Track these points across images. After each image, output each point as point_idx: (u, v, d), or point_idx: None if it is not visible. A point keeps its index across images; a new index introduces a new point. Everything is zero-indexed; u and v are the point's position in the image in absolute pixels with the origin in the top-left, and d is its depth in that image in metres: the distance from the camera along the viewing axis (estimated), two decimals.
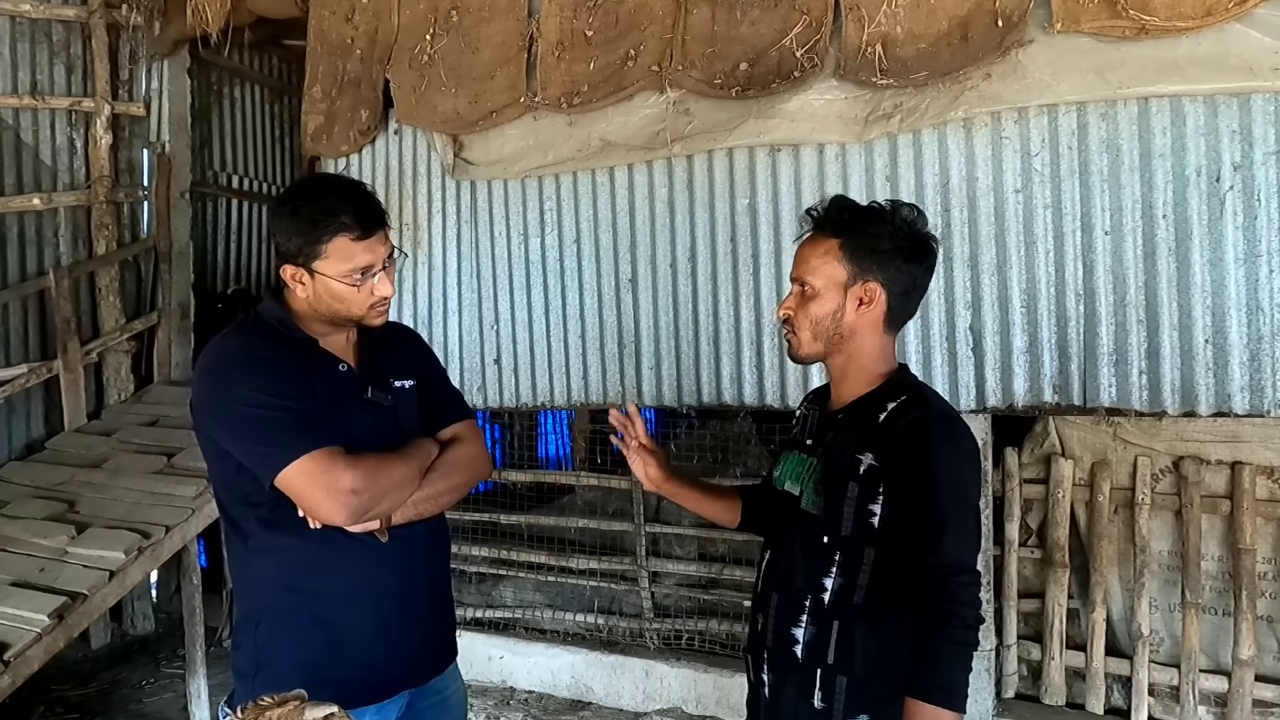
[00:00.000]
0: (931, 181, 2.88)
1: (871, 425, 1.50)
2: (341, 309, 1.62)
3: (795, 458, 1.65)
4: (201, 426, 1.63)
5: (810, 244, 1.56)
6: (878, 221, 1.52)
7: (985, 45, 2.69)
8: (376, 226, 1.62)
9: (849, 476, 1.49)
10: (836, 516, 1.49)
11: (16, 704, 3.49)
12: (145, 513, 3.61)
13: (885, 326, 1.55)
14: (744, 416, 4.09)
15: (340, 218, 1.56)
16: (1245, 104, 2.50)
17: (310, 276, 1.59)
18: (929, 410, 1.49)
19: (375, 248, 1.60)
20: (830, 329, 1.53)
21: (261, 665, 1.62)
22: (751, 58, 3.06)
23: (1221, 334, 2.56)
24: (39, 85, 4.62)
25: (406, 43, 3.77)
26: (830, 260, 1.52)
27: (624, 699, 3.65)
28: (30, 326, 4.59)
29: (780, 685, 1.55)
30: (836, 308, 1.52)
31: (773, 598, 1.59)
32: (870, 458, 1.47)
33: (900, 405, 1.50)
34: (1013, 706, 3.07)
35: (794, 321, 1.56)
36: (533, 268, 3.66)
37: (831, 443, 1.56)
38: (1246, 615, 2.75)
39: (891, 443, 1.46)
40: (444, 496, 1.70)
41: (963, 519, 1.44)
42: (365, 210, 1.60)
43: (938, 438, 1.45)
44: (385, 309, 1.67)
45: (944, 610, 1.40)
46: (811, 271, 1.54)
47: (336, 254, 1.57)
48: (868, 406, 1.53)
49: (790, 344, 1.59)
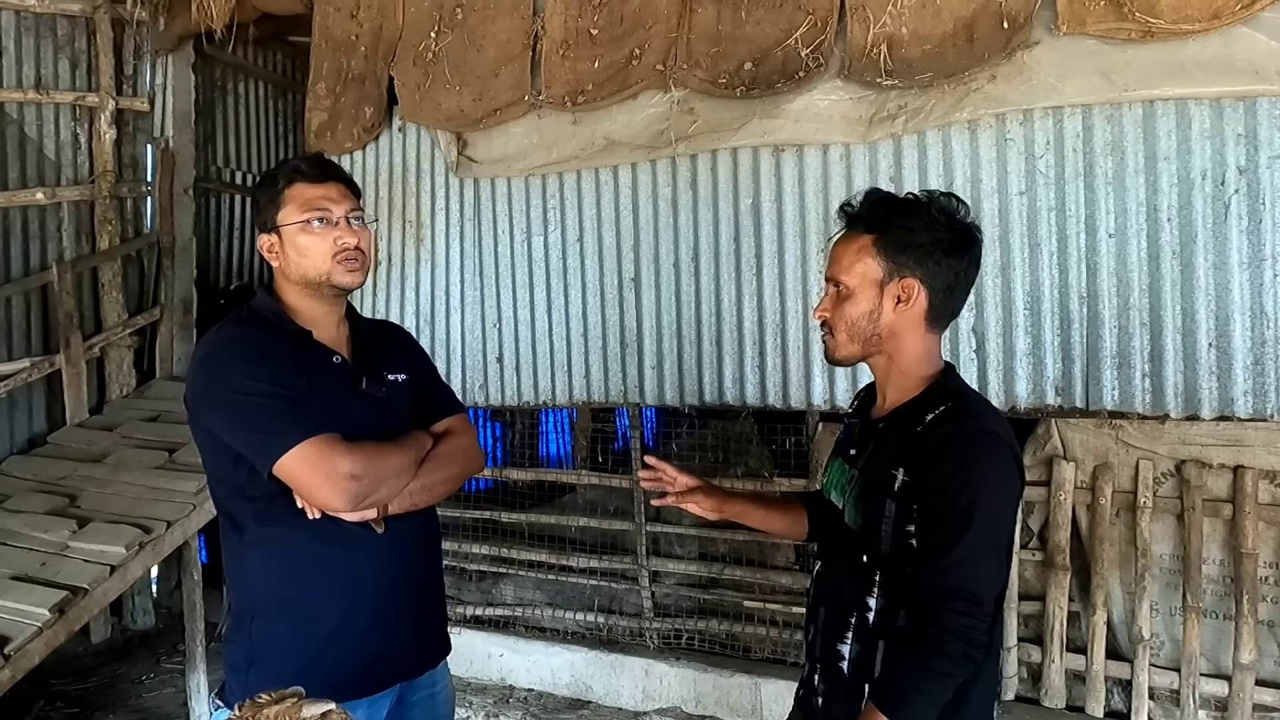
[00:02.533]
0: (936, 183, 2.87)
1: (910, 437, 1.40)
2: (309, 265, 1.64)
3: (839, 467, 1.58)
4: (198, 418, 1.63)
5: (844, 241, 1.48)
6: (912, 214, 1.43)
7: (991, 47, 2.69)
8: (332, 176, 1.68)
9: (885, 494, 1.41)
10: (875, 535, 1.42)
11: (16, 698, 3.49)
12: (146, 508, 3.61)
13: (928, 326, 1.46)
14: (746, 416, 4.09)
15: (294, 164, 1.67)
16: (1251, 107, 2.50)
17: (279, 239, 1.65)
18: (965, 425, 1.37)
19: (332, 194, 1.66)
20: (867, 330, 1.45)
21: (256, 658, 1.62)
22: (756, 57, 3.06)
23: (1225, 338, 2.55)
24: (43, 80, 4.62)
25: (411, 40, 3.77)
26: (864, 257, 1.44)
27: (623, 698, 3.65)
28: (33, 321, 4.59)
29: (832, 697, 1.50)
30: (873, 307, 1.44)
31: (821, 611, 1.54)
32: (903, 473, 1.39)
33: (939, 416, 1.39)
34: (1012, 709, 3.07)
35: (830, 323, 1.49)
36: (535, 266, 3.66)
37: (872, 455, 1.48)
38: (1248, 619, 2.75)
39: (922, 457, 1.37)
40: (439, 487, 1.72)
41: (977, 543, 1.32)
42: (320, 162, 1.70)
43: (968, 455, 1.34)
44: (356, 266, 1.66)
45: (924, 633, 1.32)
46: (845, 270, 1.45)
47: (293, 201, 1.64)
48: (908, 416, 1.44)
49: (827, 346, 1.52)
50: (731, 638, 3.57)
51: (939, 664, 1.29)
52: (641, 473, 1.73)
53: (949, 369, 1.50)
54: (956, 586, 1.31)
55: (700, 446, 3.95)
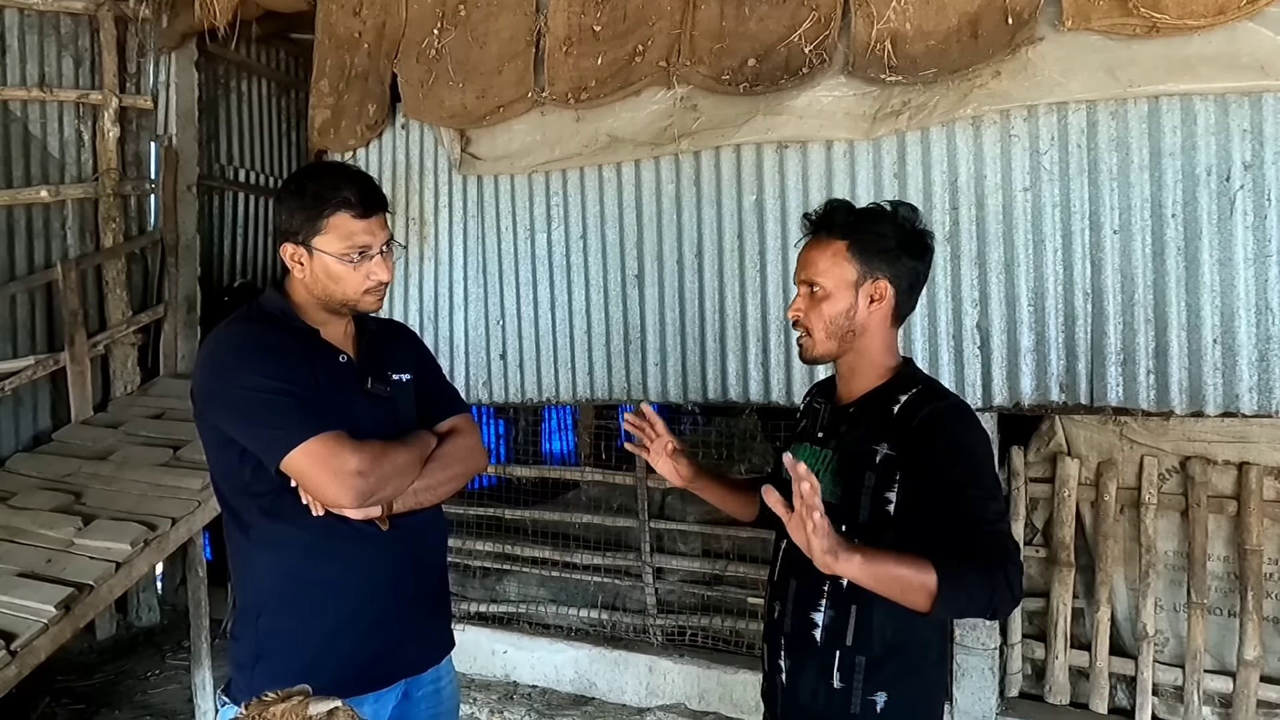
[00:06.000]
0: (939, 179, 2.87)
1: (885, 417, 1.55)
2: (336, 290, 1.64)
3: (807, 450, 1.68)
4: (204, 414, 1.63)
5: (816, 246, 1.61)
6: (881, 221, 1.59)
7: (995, 43, 2.68)
8: (377, 209, 1.66)
9: (865, 466, 1.54)
10: (854, 505, 1.54)
11: (23, 694, 3.51)
12: (151, 505, 3.62)
13: (892, 321, 1.62)
14: (749, 413, 4.09)
15: (343, 193, 1.61)
16: (1257, 103, 2.48)
17: (309, 255, 1.63)
18: (946, 402, 1.55)
19: (374, 229, 1.64)
20: (844, 327, 1.59)
21: (261, 655, 1.63)
22: (760, 54, 3.05)
23: (1230, 334, 2.54)
24: (47, 78, 4.63)
25: (414, 37, 3.77)
26: (840, 261, 1.58)
27: (627, 694, 3.65)
28: (37, 319, 4.61)
29: (798, 669, 1.60)
30: (849, 306, 1.58)
31: (791, 584, 1.64)
32: (886, 447, 1.52)
33: (913, 398, 1.55)
34: (1016, 705, 3.07)
35: (805, 323, 1.61)
36: (539, 263, 3.66)
37: (845, 435, 1.61)
38: (1252, 616, 2.74)
39: (909, 433, 1.50)
40: (443, 486, 1.72)
41: (1000, 496, 1.50)
42: (368, 190, 1.65)
43: (963, 426, 1.51)
44: (380, 295, 1.69)
45: (999, 567, 1.36)
46: (821, 273, 1.59)
47: (336, 230, 1.61)
48: (879, 399, 1.59)
49: (803, 345, 1.63)
50: (735, 634, 3.57)
51: (1000, 587, 1.36)
52: (628, 415, 1.80)
53: (908, 360, 1.67)
54: (1008, 531, 1.44)
55: (704, 443, 3.95)
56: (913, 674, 1.55)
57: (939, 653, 1.63)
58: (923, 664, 1.57)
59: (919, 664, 1.57)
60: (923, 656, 1.57)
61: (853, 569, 1.31)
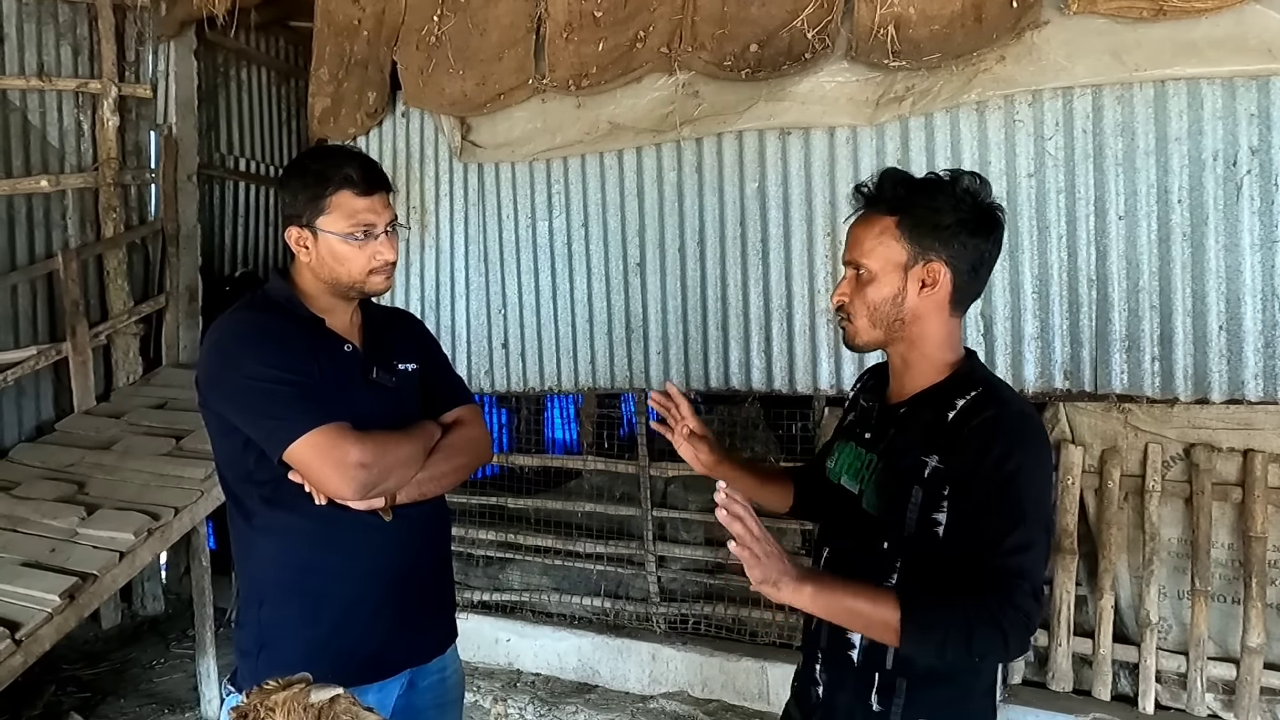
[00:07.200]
0: (943, 165, 2.85)
1: (939, 424, 1.35)
2: (343, 272, 1.63)
3: (852, 451, 1.51)
4: (208, 402, 1.63)
5: (863, 223, 1.41)
6: (937, 194, 1.36)
7: (999, 27, 2.66)
8: (380, 187, 1.66)
9: (913, 480, 1.35)
10: (899, 522, 1.36)
11: (28, 682, 3.52)
12: (154, 494, 3.63)
13: (952, 309, 1.40)
14: (752, 401, 4.08)
15: (344, 170, 1.61)
16: (1264, 86, 2.47)
17: (314, 237, 1.62)
18: (1005, 409, 1.33)
19: (377, 208, 1.64)
20: (890, 314, 1.39)
21: (265, 644, 1.63)
22: (762, 39, 3.03)
23: (1236, 320, 2.53)
24: (46, 66, 4.61)
25: (414, 24, 3.74)
26: (887, 240, 1.37)
27: (630, 682, 3.66)
28: (39, 309, 4.60)
29: (835, 685, 1.46)
30: (896, 291, 1.37)
31: None
32: (935, 460, 1.33)
33: (971, 403, 1.34)
34: (1019, 692, 3.07)
35: (849, 308, 1.42)
36: (540, 251, 3.64)
37: (893, 440, 1.42)
38: (1256, 603, 2.74)
39: (961, 444, 1.31)
40: (447, 477, 1.71)
41: (1032, 528, 1.28)
42: (369, 169, 1.65)
43: (1016, 439, 1.30)
44: (387, 275, 1.68)
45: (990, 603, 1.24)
46: (866, 253, 1.39)
47: (339, 209, 1.61)
48: (934, 401, 1.38)
49: (845, 331, 1.45)
50: (738, 622, 3.58)
51: (985, 630, 1.23)
52: (654, 393, 1.69)
53: (971, 355, 1.46)
54: (1025, 570, 1.26)
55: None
56: (961, 704, 1.38)
57: (991, 680, 1.48)
58: (973, 692, 1.41)
59: (969, 693, 1.40)
60: (974, 684, 1.40)
61: (802, 599, 1.21)
